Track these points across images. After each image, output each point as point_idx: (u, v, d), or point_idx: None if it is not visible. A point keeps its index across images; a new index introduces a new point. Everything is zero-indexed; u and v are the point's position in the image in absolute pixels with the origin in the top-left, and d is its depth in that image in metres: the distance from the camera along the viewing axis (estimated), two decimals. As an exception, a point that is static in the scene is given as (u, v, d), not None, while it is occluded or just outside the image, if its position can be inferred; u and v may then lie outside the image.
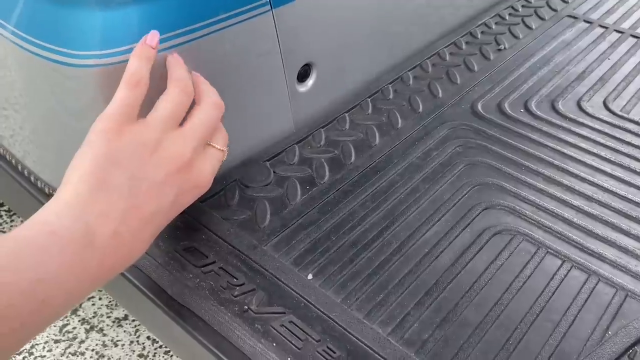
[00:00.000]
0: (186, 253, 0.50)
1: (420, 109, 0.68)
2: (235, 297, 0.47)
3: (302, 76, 0.62)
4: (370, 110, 0.68)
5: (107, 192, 0.39)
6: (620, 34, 0.84)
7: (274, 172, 0.59)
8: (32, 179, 0.60)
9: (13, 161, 0.62)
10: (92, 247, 0.38)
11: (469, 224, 0.54)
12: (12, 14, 0.50)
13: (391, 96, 0.70)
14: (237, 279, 0.48)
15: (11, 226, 1.05)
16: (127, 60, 0.47)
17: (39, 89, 0.53)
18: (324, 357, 0.43)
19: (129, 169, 0.40)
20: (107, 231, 0.38)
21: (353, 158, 0.61)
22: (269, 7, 0.54)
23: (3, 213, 1.08)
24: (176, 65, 0.46)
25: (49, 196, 0.57)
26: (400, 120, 0.66)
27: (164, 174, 0.42)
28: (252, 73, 0.56)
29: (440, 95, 0.71)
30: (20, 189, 0.62)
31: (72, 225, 0.37)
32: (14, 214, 1.08)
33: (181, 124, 0.45)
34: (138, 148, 0.41)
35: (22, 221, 1.07)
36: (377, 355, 0.43)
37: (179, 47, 0.49)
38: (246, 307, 0.46)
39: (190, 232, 0.53)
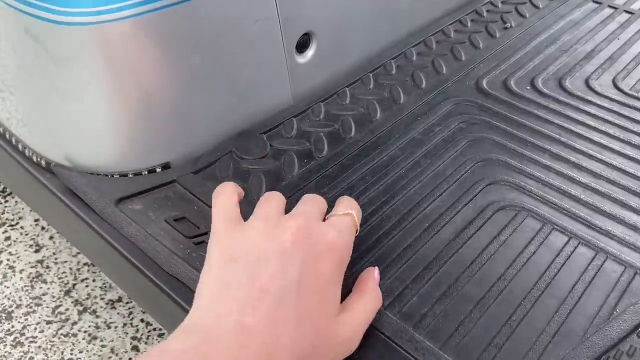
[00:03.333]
0: (177, 223, 0.49)
1: (424, 85, 0.66)
2: (226, 268, 0.45)
3: (301, 46, 0.60)
4: (371, 85, 0.66)
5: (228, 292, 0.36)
6: (630, 15, 0.81)
7: (270, 145, 0.57)
8: (26, 151, 0.58)
9: (1, 129, 0.60)
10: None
11: (471, 200, 0.52)
12: (-2, -30, 0.48)
13: (394, 71, 0.68)
14: (229, 250, 0.46)
15: (5, 207, 1.04)
16: (121, 19, 0.46)
17: (28, 53, 0.51)
18: (318, 330, 0.41)
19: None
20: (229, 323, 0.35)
21: (353, 132, 0.59)
22: (267, -30, 0.52)
23: (-3, 193, 1.06)
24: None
25: (40, 167, 0.55)
26: (402, 96, 0.64)
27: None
28: (249, 40, 0.54)
29: (444, 71, 0.69)
30: (12, 162, 0.60)
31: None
32: (9, 193, 1.06)
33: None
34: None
35: (17, 202, 1.05)
36: (373, 328, 0.41)
37: (174, 6, 0.47)
38: (238, 278, 0.44)
39: (181, 203, 0.51)
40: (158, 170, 0.53)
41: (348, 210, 0.43)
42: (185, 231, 0.48)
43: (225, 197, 0.43)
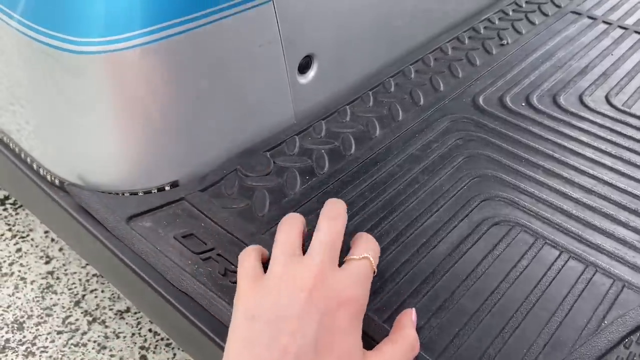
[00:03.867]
0: (185, 240, 0.51)
1: (422, 102, 0.68)
2: (232, 283, 0.47)
3: (303, 68, 0.63)
4: (371, 103, 0.68)
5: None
6: (624, 30, 0.84)
7: (274, 162, 0.60)
8: (40, 171, 0.60)
9: (16, 149, 0.63)
10: None
11: (467, 215, 0.54)
12: (18, 3, 0.50)
13: (392, 89, 0.71)
14: (235, 265, 0.49)
15: (16, 219, 1.06)
16: (131, 47, 0.48)
17: (43, 79, 0.53)
18: (319, 342, 0.43)
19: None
20: None
21: (353, 149, 0.62)
22: (269, -3, 0.55)
23: (8, 206, 1.09)
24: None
25: (54, 186, 0.58)
26: (401, 113, 0.67)
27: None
28: (253, 63, 0.57)
29: (442, 88, 0.71)
30: (28, 181, 0.62)
31: None
32: (20, 206, 1.09)
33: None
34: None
35: (27, 214, 1.08)
36: (373, 342, 0.43)
37: (182, 34, 0.50)
38: (243, 292, 0.46)
39: (189, 220, 0.53)
40: (167, 188, 0.56)
41: (365, 253, 0.44)
42: (193, 247, 0.50)
43: (250, 256, 0.44)
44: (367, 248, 0.44)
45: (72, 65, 0.50)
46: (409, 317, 0.43)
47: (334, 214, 0.45)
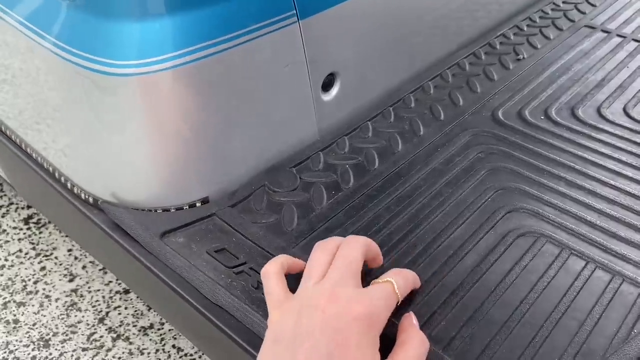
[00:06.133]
0: (218, 254, 0.52)
1: (442, 117, 0.70)
2: (265, 296, 0.48)
3: (327, 85, 0.64)
4: (392, 119, 0.70)
5: None
6: (638, 43, 0.85)
7: (300, 178, 0.61)
8: (74, 189, 0.62)
9: (50, 168, 0.64)
10: None
11: (492, 227, 0.55)
12: (53, 25, 0.52)
13: (413, 105, 0.72)
14: (267, 279, 0.50)
15: (39, 238, 1.08)
16: (164, 69, 0.50)
17: (77, 100, 0.55)
18: (353, 353, 0.44)
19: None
20: None
21: (377, 164, 0.63)
22: (295, 18, 0.56)
23: (32, 225, 1.11)
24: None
25: (88, 204, 0.60)
26: (422, 128, 0.68)
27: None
28: (279, 82, 0.58)
29: (461, 103, 0.72)
30: (61, 199, 0.64)
31: None
32: (43, 225, 1.11)
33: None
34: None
35: (50, 233, 1.10)
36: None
37: (211, 57, 0.51)
38: (277, 305, 0.47)
39: (221, 235, 0.54)
40: (198, 204, 0.57)
41: (389, 278, 0.45)
42: (226, 261, 0.52)
43: (271, 280, 0.46)
44: (394, 275, 0.46)
45: (106, 86, 0.52)
46: (409, 320, 0.45)
47: (352, 240, 0.47)
